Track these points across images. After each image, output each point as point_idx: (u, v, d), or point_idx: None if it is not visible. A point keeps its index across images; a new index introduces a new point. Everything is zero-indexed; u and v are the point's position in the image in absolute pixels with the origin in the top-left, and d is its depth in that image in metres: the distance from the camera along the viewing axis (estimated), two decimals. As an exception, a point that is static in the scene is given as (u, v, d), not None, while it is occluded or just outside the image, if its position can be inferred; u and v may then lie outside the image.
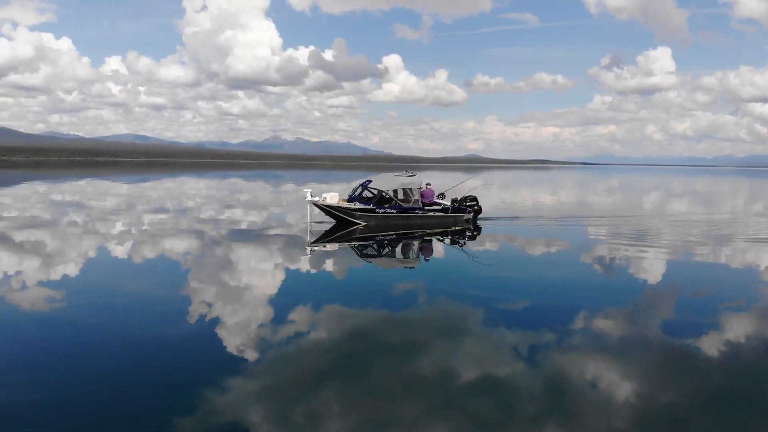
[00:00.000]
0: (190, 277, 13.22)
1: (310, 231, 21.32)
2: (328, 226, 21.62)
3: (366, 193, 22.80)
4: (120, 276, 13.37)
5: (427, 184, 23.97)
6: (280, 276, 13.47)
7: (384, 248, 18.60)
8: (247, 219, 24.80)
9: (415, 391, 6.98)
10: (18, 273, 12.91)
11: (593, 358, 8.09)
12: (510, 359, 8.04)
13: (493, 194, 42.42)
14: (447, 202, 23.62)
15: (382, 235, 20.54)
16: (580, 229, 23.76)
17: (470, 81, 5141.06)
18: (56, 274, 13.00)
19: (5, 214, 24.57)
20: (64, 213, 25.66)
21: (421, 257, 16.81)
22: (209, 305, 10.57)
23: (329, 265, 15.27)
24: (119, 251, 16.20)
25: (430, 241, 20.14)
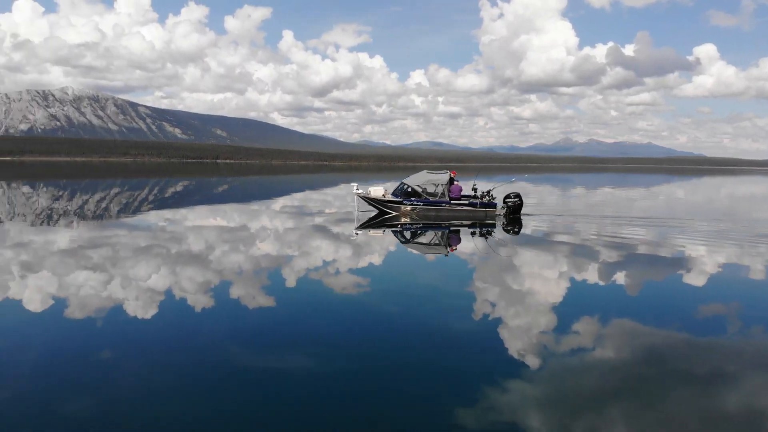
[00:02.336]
0: (475, 276, 13.73)
1: (358, 218, 24.92)
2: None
3: (407, 188, 25.80)
4: (412, 268, 14.61)
5: (456, 180, 25.93)
6: (532, 277, 13.06)
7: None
8: (530, 223, 24.64)
9: (716, 429, 6.08)
10: (333, 261, 15.06)
11: None
12: None
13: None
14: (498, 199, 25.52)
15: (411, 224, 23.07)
16: None
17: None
18: (364, 262, 14.81)
19: (326, 210, 28.90)
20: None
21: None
22: (493, 305, 10.82)
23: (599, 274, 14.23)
24: (410, 247, 17.68)
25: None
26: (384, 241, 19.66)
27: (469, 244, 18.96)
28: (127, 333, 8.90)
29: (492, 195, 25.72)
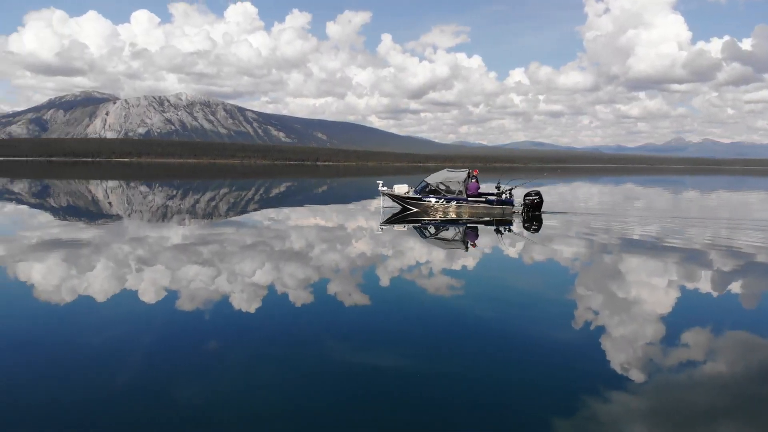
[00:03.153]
0: (577, 281, 13.19)
1: (383, 214, 26.56)
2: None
3: (428, 186, 27.11)
4: (513, 273, 14.28)
5: (474, 178, 27.54)
6: (643, 288, 12.24)
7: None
8: (630, 227, 23.29)
9: None
10: (426, 262, 15.03)
11: None
12: None
13: None
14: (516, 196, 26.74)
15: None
16: None
17: None
18: (458, 265, 14.68)
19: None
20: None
21: None
22: (595, 312, 10.35)
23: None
24: (512, 252, 17.27)
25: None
26: (443, 239, 19.43)
27: (517, 241, 18.29)
28: (232, 325, 9.37)
29: (511, 193, 26.76)
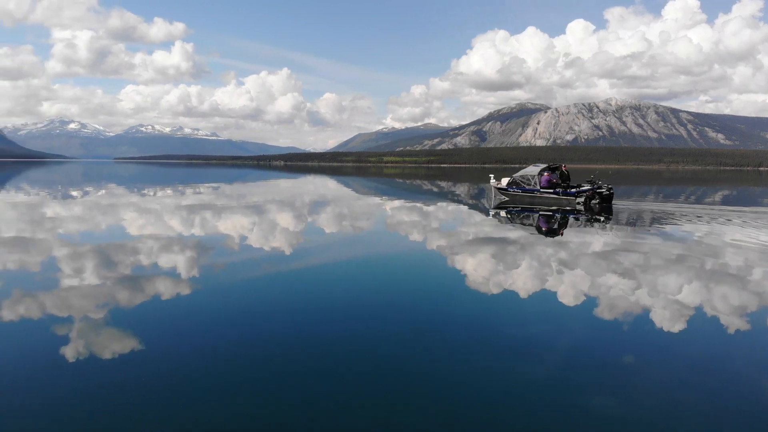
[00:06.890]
0: None
1: (492, 202, 34.02)
2: None
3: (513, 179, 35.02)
4: None
5: (545, 173, 32.84)
6: None
7: None
8: None
9: None
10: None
11: None
12: None
13: None
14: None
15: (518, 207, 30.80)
16: None
17: None
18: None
19: None
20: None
21: None
22: None
23: None
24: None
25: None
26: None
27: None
28: (652, 342, 8.87)
29: (584, 186, 30.83)
